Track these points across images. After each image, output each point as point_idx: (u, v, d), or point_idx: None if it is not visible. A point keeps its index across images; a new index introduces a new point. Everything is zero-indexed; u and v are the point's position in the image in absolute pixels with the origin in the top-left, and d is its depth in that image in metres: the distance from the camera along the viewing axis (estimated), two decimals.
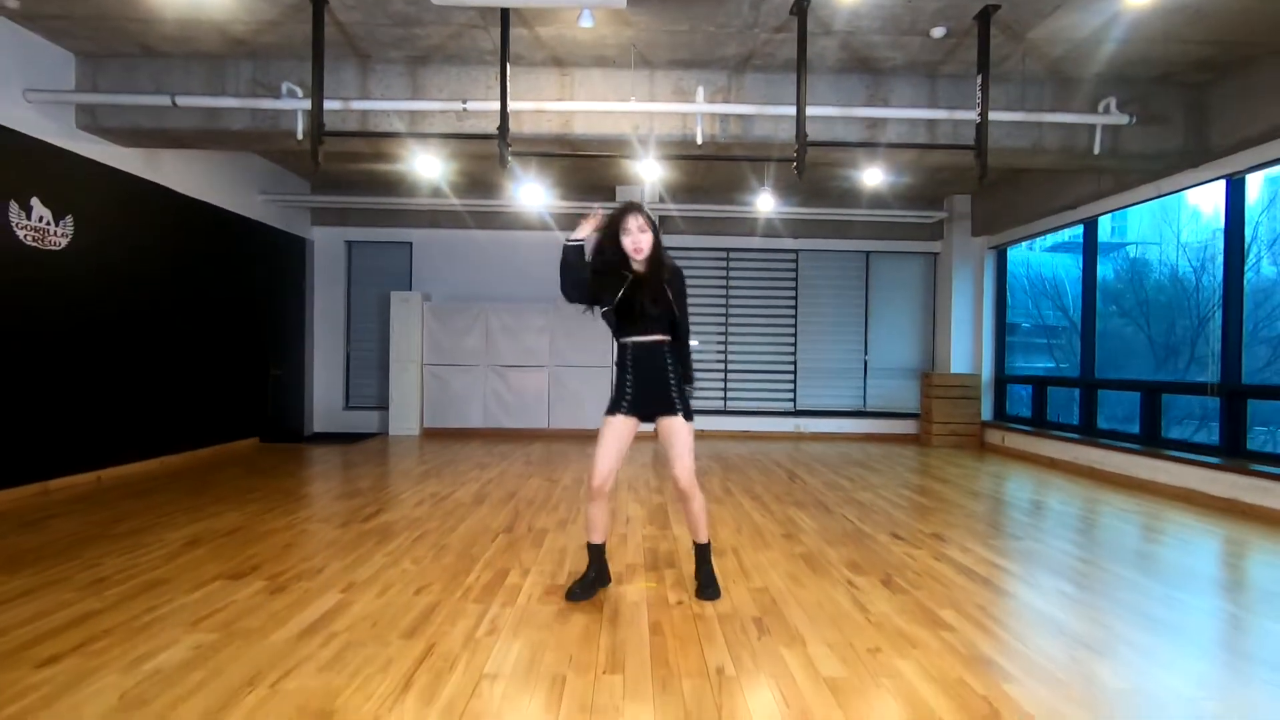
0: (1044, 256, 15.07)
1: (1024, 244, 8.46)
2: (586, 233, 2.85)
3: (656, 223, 2.90)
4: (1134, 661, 2.35)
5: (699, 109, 4.86)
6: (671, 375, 2.85)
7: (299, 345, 8.59)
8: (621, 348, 2.88)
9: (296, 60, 4.93)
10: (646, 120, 5.09)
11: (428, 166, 6.81)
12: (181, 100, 4.76)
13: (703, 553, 3.00)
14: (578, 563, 3.33)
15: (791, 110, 4.80)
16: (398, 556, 3.43)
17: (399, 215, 8.77)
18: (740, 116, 5.05)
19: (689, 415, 2.87)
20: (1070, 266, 14.72)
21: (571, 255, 2.82)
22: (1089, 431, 6.86)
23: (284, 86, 4.77)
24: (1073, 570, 3.42)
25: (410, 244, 8.99)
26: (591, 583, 2.93)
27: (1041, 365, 14.43)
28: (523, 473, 5.95)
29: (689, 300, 2.96)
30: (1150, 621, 2.74)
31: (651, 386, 2.83)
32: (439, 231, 8.91)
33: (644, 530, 4.03)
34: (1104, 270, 14.14)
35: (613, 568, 3.29)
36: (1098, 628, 2.65)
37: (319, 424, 8.89)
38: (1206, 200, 12.75)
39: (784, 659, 2.32)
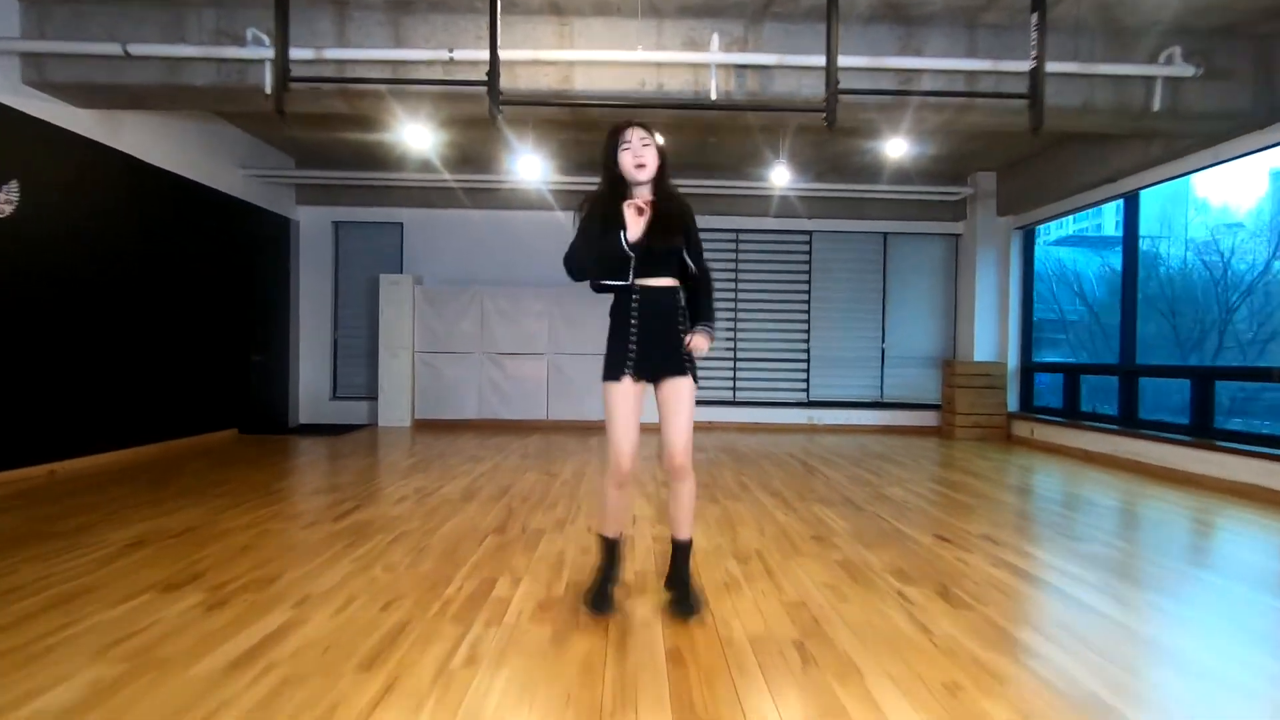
0: (1055, 250, 14.53)
1: (1044, 228, 7.94)
2: (633, 214, 2.32)
3: (663, 145, 2.40)
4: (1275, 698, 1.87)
5: (713, 58, 4.35)
6: (681, 328, 2.38)
7: (283, 331, 8.10)
8: (623, 293, 2.37)
9: (265, 7, 4.41)
10: (654, 74, 4.57)
11: (417, 136, 6.31)
12: (135, 48, 4.25)
13: (685, 553, 2.48)
14: (578, 571, 2.85)
15: (816, 60, 4.30)
16: (368, 562, 2.94)
17: (389, 193, 8.26)
18: (759, 69, 4.54)
19: (696, 377, 2.42)
20: (1082, 259, 14.22)
21: (589, 231, 2.34)
22: (1129, 422, 6.35)
23: (249, 33, 4.26)
24: (1156, 578, 2.92)
25: (401, 224, 8.48)
26: (605, 584, 2.44)
27: (1054, 358, 13.92)
28: (518, 466, 5.47)
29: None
30: (1252, 635, 2.25)
31: (659, 341, 2.35)
32: (431, 211, 8.40)
33: (654, 530, 3.55)
34: (1110, 261, 13.60)
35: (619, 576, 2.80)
36: (1215, 654, 2.16)
37: (304, 415, 8.40)
38: (1215, 190, 12.25)
39: (839, 697, 1.83)
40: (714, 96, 4.48)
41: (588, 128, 6.66)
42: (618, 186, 2.36)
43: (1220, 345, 12.14)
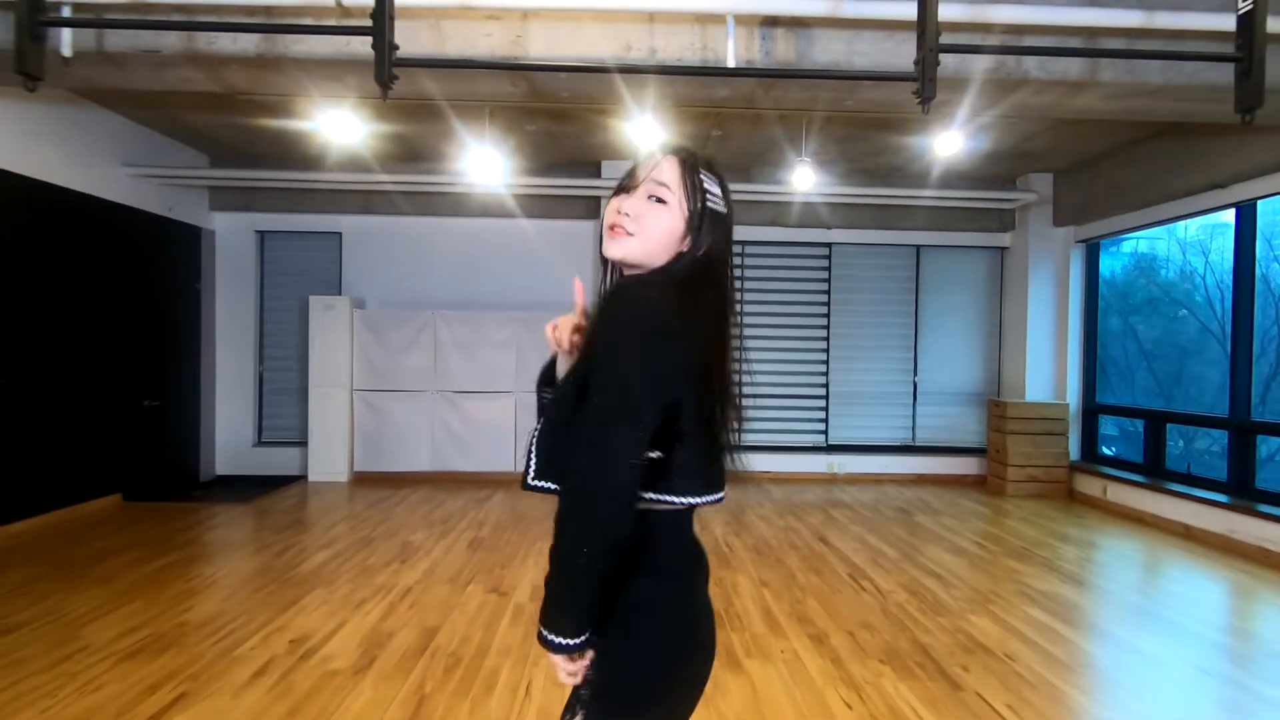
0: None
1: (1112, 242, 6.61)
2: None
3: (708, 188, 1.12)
4: None
5: (730, 6, 2.95)
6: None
7: (193, 366, 6.62)
8: (674, 526, 1.08)
9: None
10: (645, 33, 3.17)
11: (340, 125, 4.90)
12: None
13: None
14: None
15: (883, 9, 2.92)
16: None
17: (323, 198, 6.81)
18: (795, 22, 3.14)
19: None
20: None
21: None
22: (1243, 493, 5.02)
23: None
24: None
25: (339, 234, 7.03)
26: None
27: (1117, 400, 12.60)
28: (461, 569, 4.05)
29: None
30: None
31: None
32: (374, 219, 6.96)
33: None
34: (1154, 277, 12.32)
35: None
36: None
37: (223, 465, 6.94)
38: None
39: None
40: (731, 63, 3.08)
41: (562, 117, 5.26)
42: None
43: (1276, 373, 10.86)
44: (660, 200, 1.06)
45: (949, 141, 5.11)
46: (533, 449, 1.09)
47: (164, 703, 2.48)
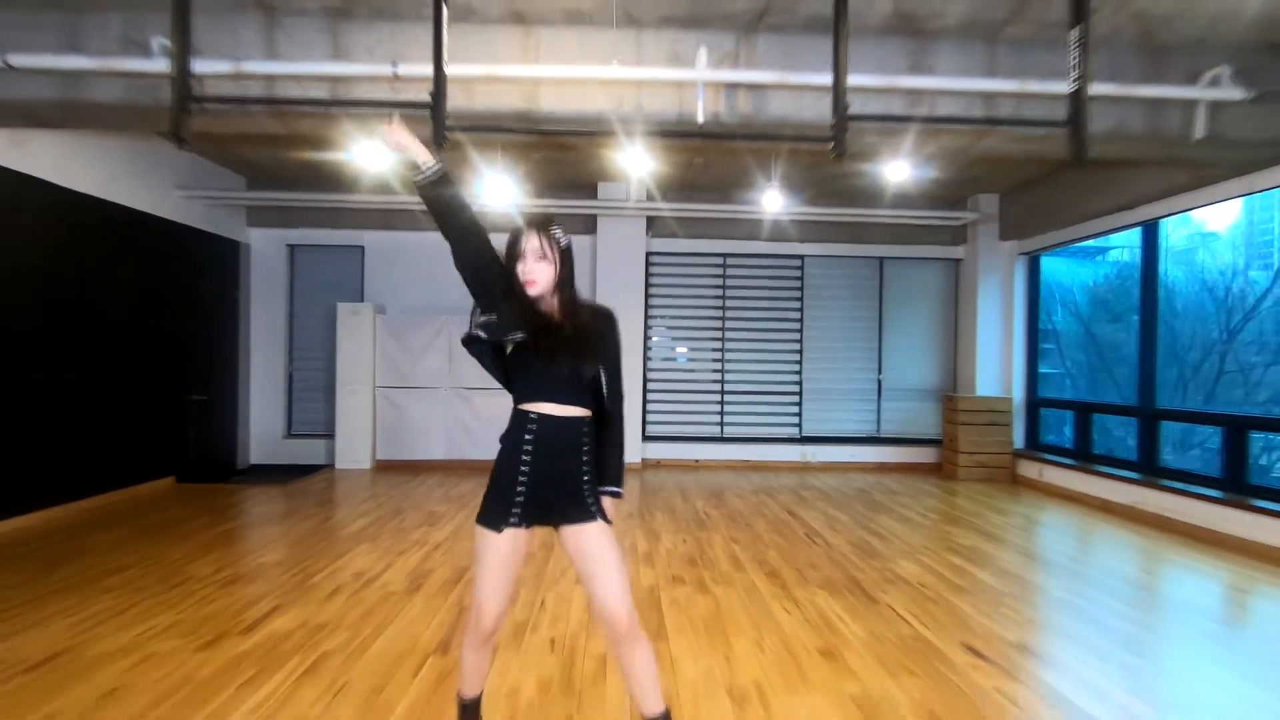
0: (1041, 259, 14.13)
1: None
2: (419, 151, 1.85)
3: (569, 247, 1.91)
4: None
5: (700, 75, 3.78)
6: (586, 468, 1.89)
7: (231, 365, 7.41)
8: (517, 418, 1.89)
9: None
10: (633, 93, 4.00)
11: (371, 157, 5.69)
12: (17, 59, 3.60)
13: None
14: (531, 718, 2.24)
15: (817, 79, 3.74)
16: (268, 713, 2.31)
17: (348, 215, 7.62)
18: (752, 88, 3.97)
19: (608, 518, 1.91)
20: (1062, 271, 13.82)
21: (431, 193, 1.84)
22: (1151, 470, 5.85)
23: (155, 43, 3.63)
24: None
25: (362, 248, 7.84)
26: None
27: (1043, 370, 13.47)
28: None
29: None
30: None
31: (555, 482, 1.87)
32: (394, 234, 7.76)
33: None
34: (1099, 271, 13.19)
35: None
36: None
37: (256, 455, 7.70)
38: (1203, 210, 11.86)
39: None
40: (701, 120, 3.91)
41: (563, 147, 6.08)
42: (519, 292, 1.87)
43: (1221, 369, 11.76)
44: (543, 258, 1.85)
45: (898, 170, 5.94)
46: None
47: (265, 611, 3.26)
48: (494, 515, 1.85)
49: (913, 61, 4.07)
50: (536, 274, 1.83)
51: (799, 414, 8.07)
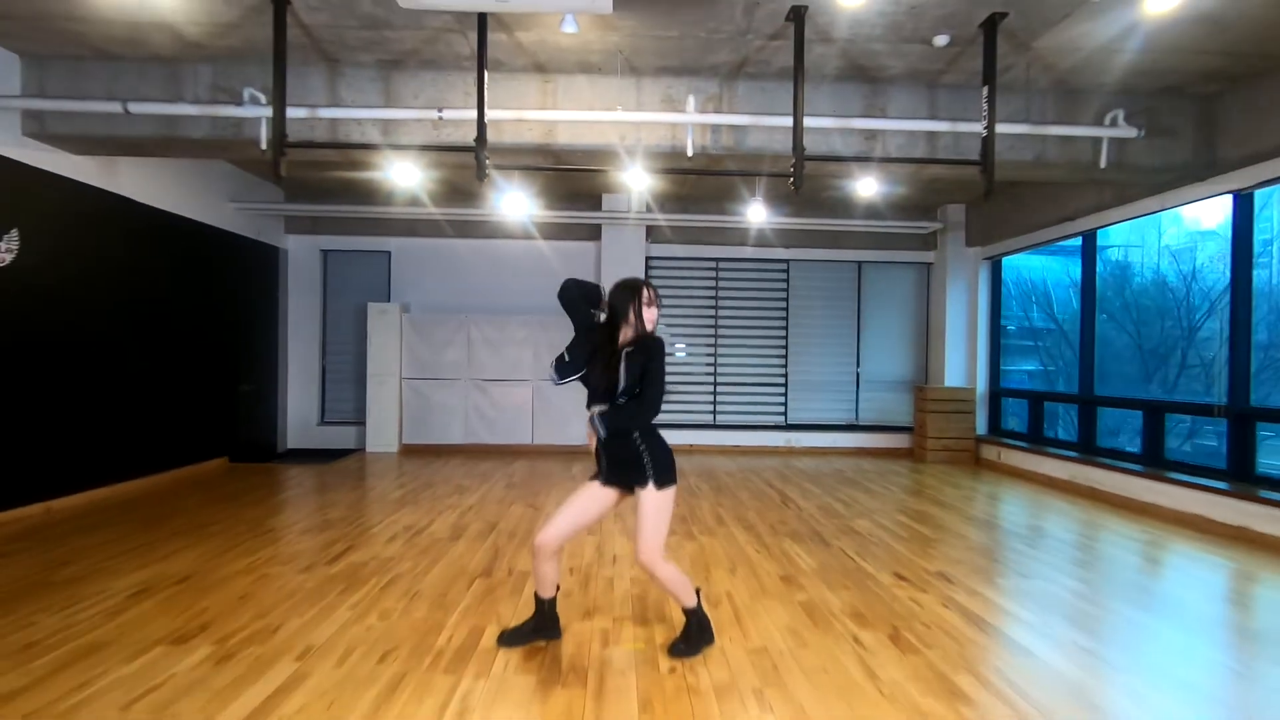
0: (1030, 259, 14.92)
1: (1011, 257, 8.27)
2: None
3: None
4: None
5: (689, 119, 4.61)
6: (633, 450, 2.62)
7: (271, 359, 8.24)
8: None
9: (259, 65, 4.62)
10: (634, 130, 4.83)
11: (405, 175, 6.50)
12: (135, 108, 4.43)
13: (690, 616, 2.76)
14: (560, 619, 3.06)
15: (786, 121, 4.56)
16: (364, 609, 3.14)
17: (376, 224, 8.44)
18: (733, 127, 4.80)
19: (659, 482, 2.62)
20: (1056, 270, 14.59)
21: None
22: (1088, 450, 6.68)
23: (246, 93, 4.46)
24: (1088, 618, 3.20)
25: (389, 253, 8.67)
26: (528, 634, 2.80)
27: (1028, 367, 14.28)
28: (504, 498, 5.67)
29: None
30: (1177, 685, 2.51)
31: (616, 456, 2.64)
32: (418, 240, 8.59)
33: (632, 572, 3.77)
34: (1075, 273, 13.96)
35: (598, 622, 3.03)
36: (1124, 695, 2.43)
37: (293, 440, 8.54)
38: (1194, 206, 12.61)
39: None
40: (690, 153, 4.74)
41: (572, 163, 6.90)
42: (615, 330, 2.65)
43: (1184, 362, 12.58)
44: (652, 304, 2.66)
45: (867, 186, 6.76)
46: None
47: (341, 550, 4.09)
48: (596, 470, 2.71)
49: (867, 104, 4.90)
50: (652, 315, 2.65)
51: (784, 403, 8.90)
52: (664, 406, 2.64)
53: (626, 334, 2.64)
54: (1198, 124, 5.06)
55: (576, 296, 2.68)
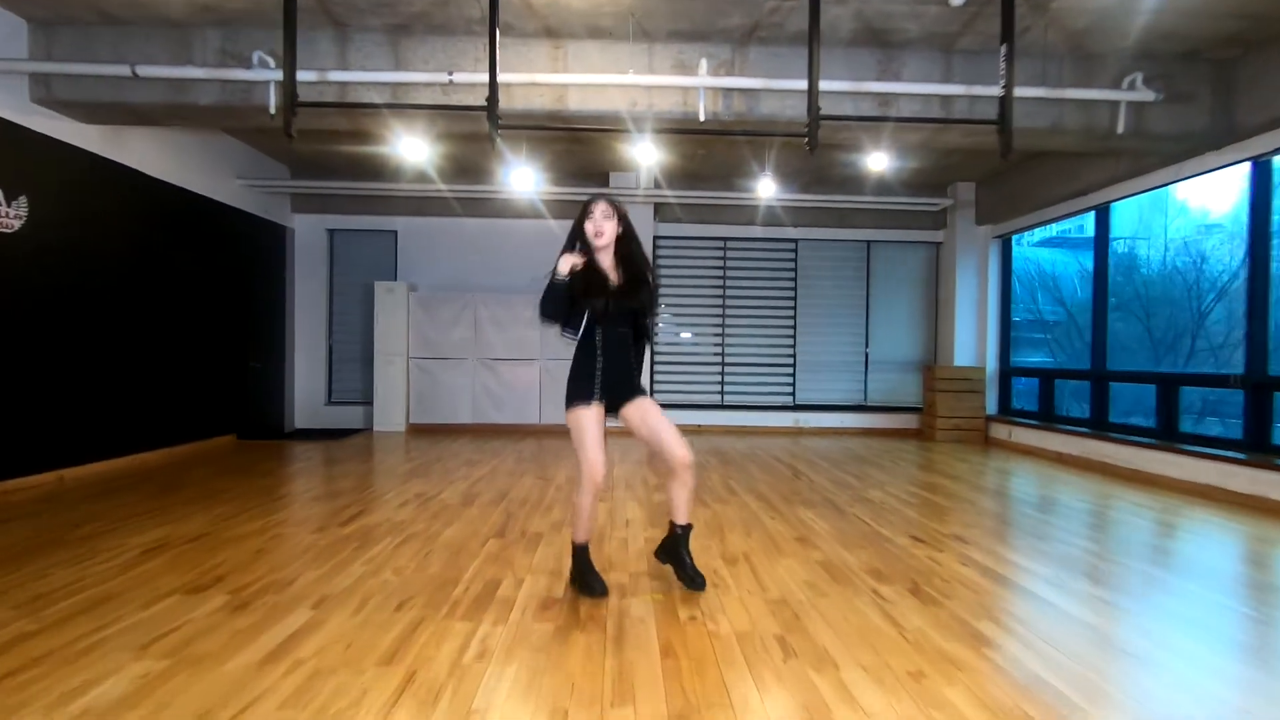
0: (1037, 251, 14.84)
1: (1020, 236, 8.21)
2: (568, 268, 2.65)
3: (626, 213, 2.78)
4: (1181, 671, 2.10)
5: (701, 82, 4.56)
6: (635, 364, 2.81)
7: (279, 338, 8.23)
8: (592, 334, 2.74)
9: (268, 29, 4.57)
10: (645, 95, 4.78)
11: (413, 149, 6.48)
12: (143, 70, 4.40)
13: (687, 535, 2.89)
14: None
15: (799, 85, 4.51)
16: (378, 565, 3.12)
17: (383, 202, 8.41)
18: (745, 91, 4.75)
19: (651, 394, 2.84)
20: (1063, 261, 14.51)
21: (555, 290, 2.68)
22: (1100, 425, 6.63)
23: (255, 56, 4.42)
24: (1106, 574, 3.16)
25: (395, 232, 8.63)
26: (595, 577, 2.82)
27: (1037, 360, 14.23)
28: (514, 470, 5.65)
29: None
30: (1196, 627, 2.48)
31: (618, 375, 2.75)
32: (425, 219, 8.55)
33: (646, 533, 3.74)
34: (1090, 263, 13.90)
35: (615, 576, 3.01)
36: (1160, 647, 2.40)
37: (300, 420, 8.53)
38: (1193, 193, 12.53)
39: (816, 686, 2.04)
40: (702, 117, 4.69)
41: (580, 139, 6.86)
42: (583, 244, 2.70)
43: (1193, 349, 12.50)
44: (608, 217, 2.66)
45: (878, 160, 6.71)
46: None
47: (354, 513, 4.07)
48: (583, 396, 2.70)
49: (881, 68, 4.84)
50: (605, 228, 2.65)
51: (792, 384, 8.86)
52: (670, 386, 2.80)
53: (604, 258, 2.71)
54: (1215, 89, 4.99)
55: (551, 298, 2.67)
